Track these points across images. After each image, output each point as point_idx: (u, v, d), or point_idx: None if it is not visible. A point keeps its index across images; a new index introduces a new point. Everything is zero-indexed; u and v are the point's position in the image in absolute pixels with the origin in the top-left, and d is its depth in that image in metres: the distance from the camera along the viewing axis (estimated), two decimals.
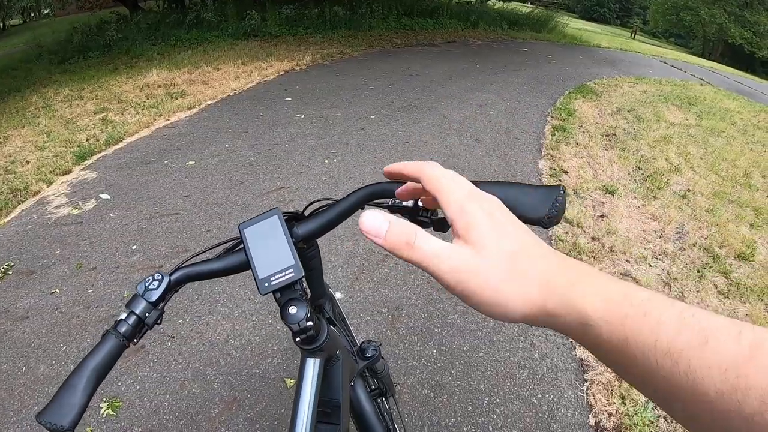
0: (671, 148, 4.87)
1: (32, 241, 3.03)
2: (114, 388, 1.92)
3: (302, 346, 0.67)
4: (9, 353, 2.18)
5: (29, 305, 2.47)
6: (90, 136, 4.64)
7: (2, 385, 2.01)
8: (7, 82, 8.34)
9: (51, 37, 11.86)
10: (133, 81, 6.78)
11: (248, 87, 6.38)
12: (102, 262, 2.68)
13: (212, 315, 2.23)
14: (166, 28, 10.54)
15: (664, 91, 7.77)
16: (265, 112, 5.34)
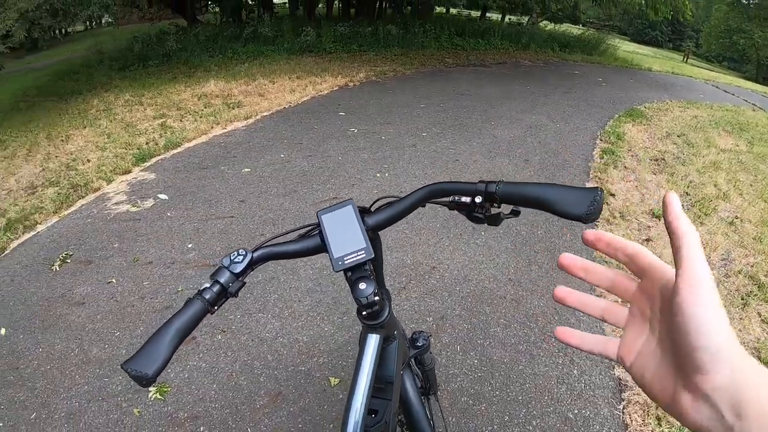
0: (720, 175, 4.93)
1: (91, 233, 3.47)
2: (163, 374, 2.20)
3: (366, 321, 0.83)
4: (63, 335, 2.54)
5: (86, 292, 2.85)
6: (149, 140, 5.22)
7: (55, 364, 2.35)
8: (70, 85, 9.41)
9: (112, 44, 13.24)
10: (192, 90, 7.50)
11: (303, 100, 6.91)
12: (158, 257, 3.05)
13: (263, 313, 2.51)
14: (223, 41, 11.57)
15: (715, 117, 7.86)
16: (319, 125, 5.79)
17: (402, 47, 12.03)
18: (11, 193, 4.56)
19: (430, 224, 3.49)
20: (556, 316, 2.57)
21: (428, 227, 3.45)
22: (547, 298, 2.72)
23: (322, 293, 2.67)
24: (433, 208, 3.48)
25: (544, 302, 2.68)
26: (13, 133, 6.53)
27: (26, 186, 4.64)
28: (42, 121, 6.87)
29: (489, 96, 7.69)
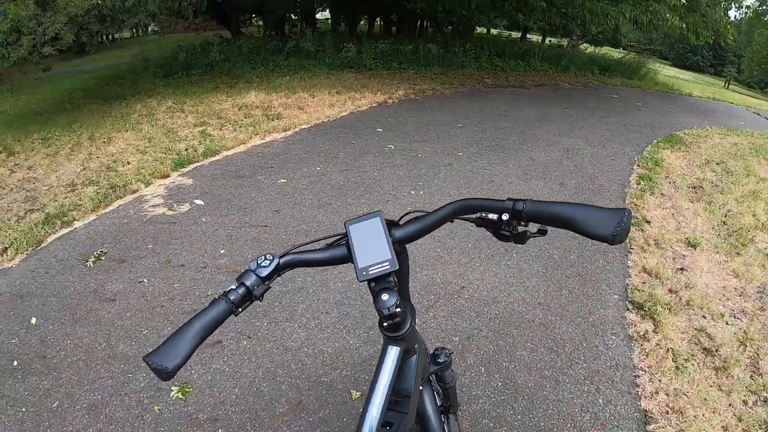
0: (759, 204, 4.83)
1: (126, 233, 3.65)
2: (187, 375, 2.29)
3: (387, 332, 0.86)
4: (92, 329, 2.68)
5: (117, 290, 2.99)
6: (189, 146, 5.47)
7: (81, 357, 2.48)
8: (114, 90, 9.92)
9: (157, 52, 13.90)
10: (233, 100, 7.82)
11: (341, 115, 7.13)
12: (190, 260, 3.19)
13: (289, 323, 2.59)
14: (266, 53, 12.07)
15: (756, 144, 7.73)
16: (357, 140, 5.95)
17: (442, 66, 12.30)
18: (51, 189, 4.84)
19: (462, 243, 3.53)
20: (584, 342, 2.57)
21: (460, 246, 3.49)
22: (575, 324, 2.72)
23: (350, 306, 2.74)
24: (465, 227, 3.53)
25: (572, 328, 2.68)
26: (57, 132, 6.93)
27: (67, 183, 4.92)
28: (86, 122, 7.27)
29: (527, 117, 7.80)
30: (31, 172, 5.56)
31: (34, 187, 5.05)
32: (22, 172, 5.63)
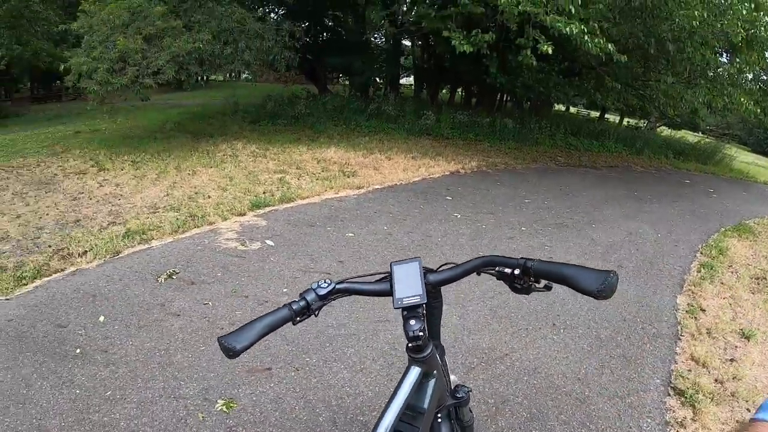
0: None
1: (199, 259, 4.13)
2: (234, 392, 2.60)
3: (411, 353, 1.11)
4: (154, 336, 3.07)
5: (183, 307, 3.41)
6: (267, 191, 6.07)
7: (140, 358, 2.86)
8: (203, 127, 11.00)
9: (247, 98, 15.24)
10: (312, 153, 8.51)
11: (414, 180, 7.60)
12: (254, 294, 3.59)
13: (337, 363, 2.87)
14: (348, 113, 13.06)
15: None
16: (425, 205, 6.35)
17: (516, 141, 12.85)
18: (134, 208, 5.49)
19: (512, 314, 3.71)
20: (618, 421, 2.66)
21: (509, 317, 3.67)
22: (612, 402, 2.81)
23: (396, 358, 2.98)
24: (518, 299, 3.74)
25: (609, 406, 2.77)
26: (146, 158, 7.80)
27: (149, 205, 5.57)
28: (174, 153, 8.14)
29: (594, 198, 8.01)
30: (117, 189, 6.32)
31: (119, 203, 5.75)
32: (110, 187, 6.40)
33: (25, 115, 17.92)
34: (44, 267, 4.07)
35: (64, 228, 5.03)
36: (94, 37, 9.11)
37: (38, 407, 2.46)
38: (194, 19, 9.84)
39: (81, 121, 13.92)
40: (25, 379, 2.67)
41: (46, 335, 3.09)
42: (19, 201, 6.06)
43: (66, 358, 2.86)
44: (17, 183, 6.97)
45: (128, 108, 13.94)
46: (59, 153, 8.83)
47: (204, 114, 13.33)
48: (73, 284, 3.79)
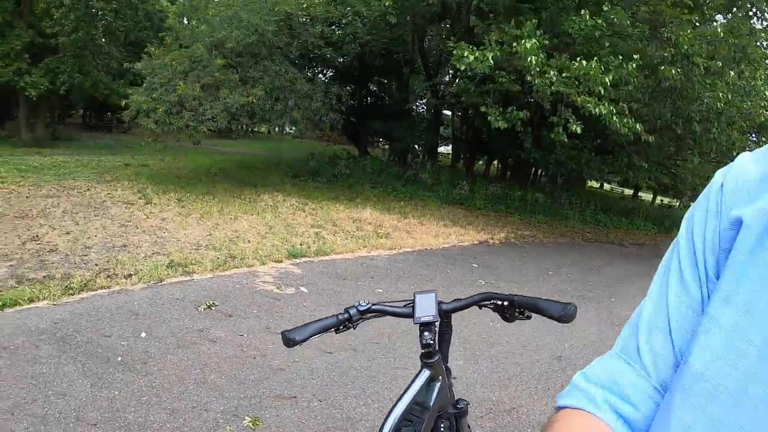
0: None
1: (237, 296, 4.53)
2: (261, 413, 2.90)
3: (423, 359, 1.45)
4: (191, 356, 3.41)
5: (219, 335, 3.77)
6: (303, 242, 6.52)
7: (176, 372, 3.19)
8: (247, 176, 11.69)
9: (290, 153, 16.10)
10: (349, 212, 9.01)
11: (444, 246, 7.98)
12: None
13: (356, 399, 3.14)
14: (386, 177, 13.74)
15: None
16: (453, 271, 6.68)
17: (546, 215, 13.29)
18: (178, 242, 5.97)
19: (523, 373, 3.94)
20: None
21: (520, 375, 3.90)
22: None
23: None
24: (531, 356, 3.98)
25: None
26: (191, 198, 8.39)
27: (192, 242, 6.05)
28: (218, 197, 8.73)
29: (617, 274, 8.21)
30: (163, 222, 6.85)
31: (163, 235, 6.25)
32: (156, 220, 6.94)
33: (76, 140, 19.14)
34: (90, 282, 4.51)
35: (110, 250, 5.52)
36: (155, 79, 10.04)
37: (77, 400, 2.80)
38: (249, 74, 10.78)
39: (130, 154, 14.89)
40: (67, 375, 3.03)
41: (90, 341, 3.47)
42: (69, 219, 6.63)
43: (107, 363, 3.22)
44: (68, 202, 7.60)
45: (176, 148, 14.90)
46: (108, 181, 9.54)
47: (248, 163, 14.14)
48: (117, 301, 4.20)
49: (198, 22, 10.89)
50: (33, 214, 6.78)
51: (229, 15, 10.87)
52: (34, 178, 9.25)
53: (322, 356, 3.68)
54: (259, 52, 11.11)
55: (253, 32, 10.61)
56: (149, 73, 10.25)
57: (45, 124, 18.77)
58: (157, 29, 22.46)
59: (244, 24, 10.56)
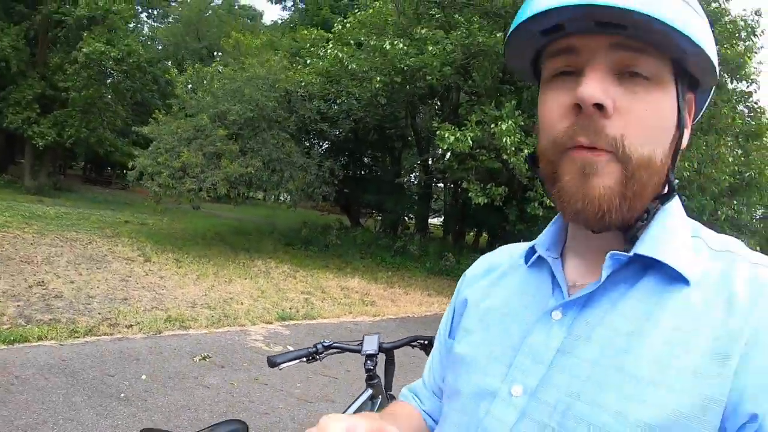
0: None
1: (229, 350, 4.95)
2: None
3: (367, 381, 1.99)
4: (187, 398, 3.81)
5: (213, 382, 4.18)
6: (293, 306, 6.99)
7: (173, 410, 3.58)
8: (241, 242, 12.22)
9: (284, 220, 16.70)
10: (338, 281, 9.50)
11: (426, 314, 8.43)
12: (273, 383, 4.34)
13: None
14: (376, 248, 14.29)
15: None
16: (432, 332, 7.08)
17: None
18: (176, 300, 6.41)
19: None
20: None
21: None
22: None
23: None
24: None
25: None
26: (188, 259, 8.89)
27: (189, 300, 6.50)
28: (213, 260, 9.23)
29: None
30: (161, 280, 7.30)
31: (162, 292, 6.69)
32: (155, 277, 7.39)
33: (76, 192, 19.71)
34: (95, 328, 4.94)
35: (112, 302, 5.95)
36: (161, 144, 10.75)
37: (84, 426, 3.20)
38: (249, 145, 11.56)
39: (128, 211, 15.44)
40: (75, 404, 3.44)
41: (95, 378, 3.88)
42: (72, 269, 7.07)
43: (111, 398, 3.62)
44: (70, 253, 8.06)
45: (174, 210, 15.50)
46: (109, 237, 10.03)
47: (243, 229, 14.69)
48: (119, 347, 4.62)
49: (204, 94, 11.75)
50: (38, 260, 7.22)
51: (232, 89, 11.78)
52: (38, 226, 9.74)
53: (303, 405, 4.09)
54: (258, 125, 11.93)
55: (255, 107, 11.46)
56: (155, 138, 10.98)
57: (48, 173, 19.37)
58: (162, 92, 23.70)
59: (246, 98, 11.44)
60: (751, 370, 0.53)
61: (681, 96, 0.63)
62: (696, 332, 0.57)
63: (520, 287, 0.75)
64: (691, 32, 0.56)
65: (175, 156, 10.41)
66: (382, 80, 10.26)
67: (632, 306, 0.61)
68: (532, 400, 0.63)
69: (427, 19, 10.69)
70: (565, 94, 0.60)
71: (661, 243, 0.62)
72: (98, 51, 15.58)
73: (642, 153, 0.59)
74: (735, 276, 0.59)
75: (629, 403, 0.56)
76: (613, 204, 0.59)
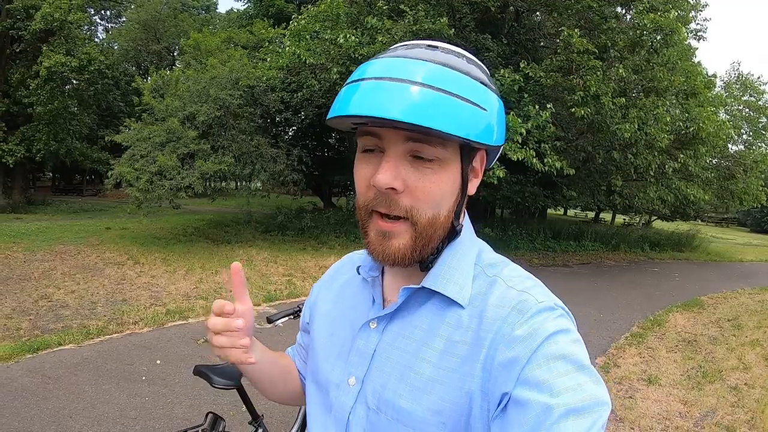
0: (754, 350, 6.08)
1: None
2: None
3: None
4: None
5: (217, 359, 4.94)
6: (277, 289, 7.75)
7: (189, 384, 4.33)
8: (221, 234, 12.89)
9: (259, 208, 17.30)
10: (316, 261, 10.28)
11: None
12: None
13: None
14: (349, 226, 15.04)
15: None
16: None
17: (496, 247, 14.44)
18: (170, 295, 7.13)
19: None
20: None
21: None
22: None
23: None
24: None
25: None
26: (175, 257, 9.57)
27: (183, 294, 7.22)
28: (198, 255, 9.93)
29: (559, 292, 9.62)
30: (154, 279, 8.00)
31: (156, 290, 7.40)
32: (147, 278, 8.08)
33: (50, 205, 19.91)
34: (105, 328, 5.64)
35: (114, 304, 6.64)
36: (136, 150, 11.29)
37: (118, 405, 3.94)
38: (219, 143, 12.18)
39: (106, 218, 15.94)
40: (106, 391, 4.17)
41: (117, 369, 4.62)
42: (70, 280, 7.72)
43: (135, 382, 4.37)
44: (63, 266, 8.68)
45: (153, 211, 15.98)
46: (95, 245, 10.63)
47: (221, 222, 15.33)
48: (130, 341, 5.36)
49: (171, 99, 12.26)
50: (35, 276, 7.84)
51: (198, 90, 12.31)
52: (24, 244, 10.27)
53: None
54: (226, 122, 12.52)
55: (221, 106, 12.04)
56: (130, 145, 11.48)
57: (20, 190, 19.54)
58: (124, 92, 23.69)
59: (212, 98, 12.00)
60: (494, 365, 0.73)
61: (466, 165, 0.80)
62: (461, 342, 0.77)
63: (353, 299, 0.98)
64: (462, 130, 0.70)
65: (151, 161, 10.97)
66: (339, 70, 10.87)
67: (422, 320, 0.82)
68: (362, 387, 0.85)
69: (376, 11, 11.25)
70: (372, 169, 0.77)
71: (441, 278, 0.81)
72: (59, 63, 15.78)
73: (428, 216, 0.77)
74: (490, 295, 0.80)
75: (419, 393, 0.77)
76: (407, 255, 0.78)
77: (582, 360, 0.70)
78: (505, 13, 12.24)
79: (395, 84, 0.70)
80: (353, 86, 0.74)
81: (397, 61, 0.73)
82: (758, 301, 9.68)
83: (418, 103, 0.68)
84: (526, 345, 0.71)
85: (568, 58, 10.20)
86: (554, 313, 0.76)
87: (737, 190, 16.86)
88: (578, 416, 0.64)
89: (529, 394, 0.67)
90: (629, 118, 10.58)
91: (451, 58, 0.75)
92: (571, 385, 0.66)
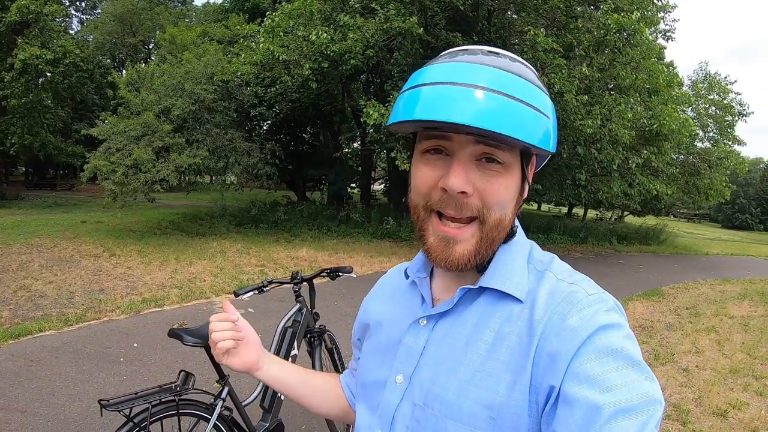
0: (709, 336, 6.50)
1: (201, 317, 6.03)
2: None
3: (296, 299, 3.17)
4: (173, 355, 4.87)
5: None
6: (250, 278, 8.06)
7: (165, 363, 4.63)
8: (195, 227, 13.13)
9: (233, 201, 17.53)
10: (288, 252, 10.61)
11: (367, 273, 9.55)
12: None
13: None
14: (322, 219, 15.42)
15: (749, 289, 9.67)
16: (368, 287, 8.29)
17: None
18: (146, 285, 7.40)
19: None
20: None
21: None
22: None
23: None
24: None
25: None
26: (149, 249, 9.82)
27: (158, 284, 7.50)
28: (172, 247, 10.19)
29: None
30: (129, 270, 8.25)
31: (132, 280, 7.67)
32: (123, 269, 8.33)
33: (24, 199, 19.83)
34: (83, 316, 5.92)
35: (91, 294, 6.89)
36: (111, 144, 11.45)
37: (98, 384, 4.25)
38: (194, 137, 12.40)
39: (81, 211, 16.02)
40: (86, 371, 4.47)
41: (97, 351, 4.91)
42: (47, 272, 7.93)
43: (114, 363, 4.67)
44: (40, 258, 8.86)
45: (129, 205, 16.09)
46: (71, 238, 10.79)
47: (196, 215, 15.52)
48: (108, 327, 5.64)
49: (147, 92, 12.42)
50: (13, 268, 8.02)
51: (173, 84, 12.49)
52: (1, 238, 10.39)
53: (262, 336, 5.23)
54: (201, 116, 12.74)
55: (195, 100, 12.25)
56: (105, 138, 11.63)
57: None
58: (98, 85, 23.60)
59: (187, 92, 12.20)
60: (543, 356, 0.72)
61: (525, 171, 0.82)
62: (511, 333, 0.77)
63: (402, 301, 0.99)
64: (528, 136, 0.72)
65: (126, 154, 11.15)
66: (311, 66, 11.16)
67: (471, 315, 0.83)
68: (409, 384, 0.85)
69: (348, 9, 11.53)
70: (438, 171, 0.78)
71: (499, 277, 0.82)
72: (34, 55, 15.77)
73: (496, 217, 0.78)
74: (540, 287, 0.80)
75: (468, 386, 0.77)
76: (470, 260, 0.79)
77: (635, 356, 0.70)
78: (477, 11, 12.58)
79: (463, 89, 0.71)
80: (415, 91, 0.76)
81: (461, 66, 0.74)
82: (719, 291, 10.15)
83: (489, 108, 0.69)
84: (576, 336, 0.71)
85: (534, 57, 10.56)
86: (605, 305, 0.77)
87: (703, 186, 17.45)
88: (629, 416, 0.63)
89: (578, 390, 0.67)
90: (593, 114, 11.01)
91: (514, 65, 0.76)
92: (623, 382, 0.66)
